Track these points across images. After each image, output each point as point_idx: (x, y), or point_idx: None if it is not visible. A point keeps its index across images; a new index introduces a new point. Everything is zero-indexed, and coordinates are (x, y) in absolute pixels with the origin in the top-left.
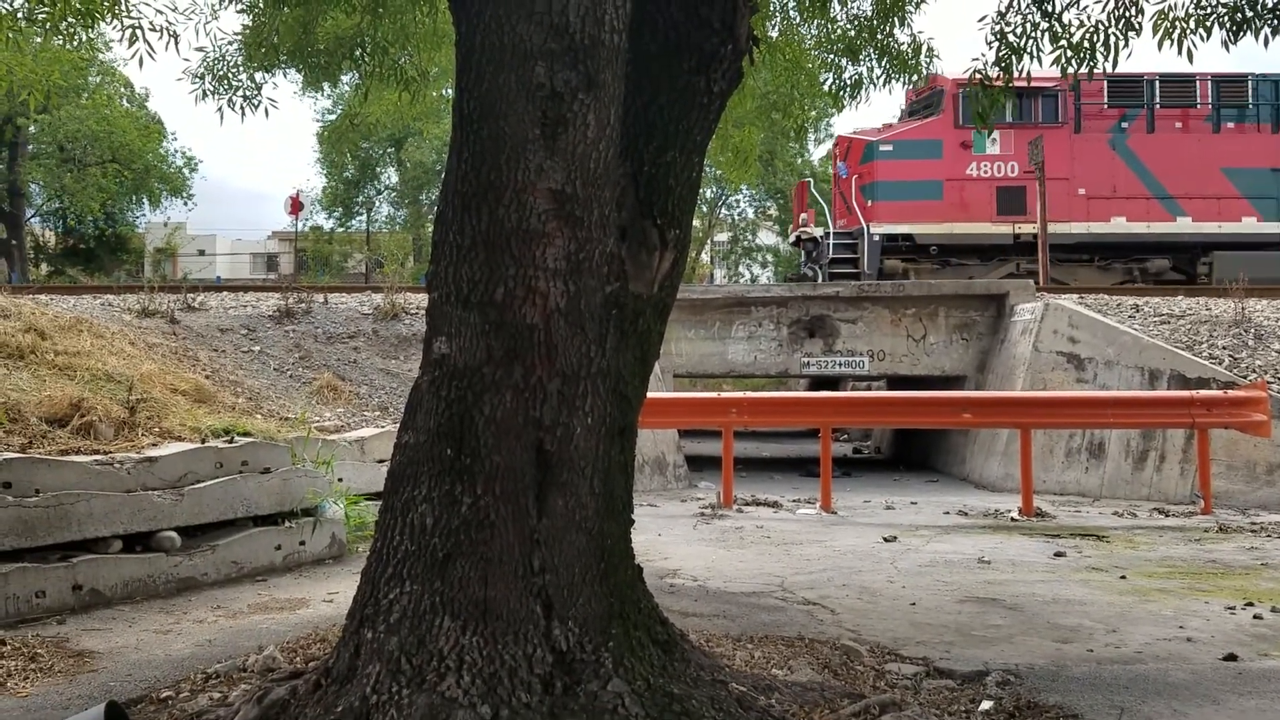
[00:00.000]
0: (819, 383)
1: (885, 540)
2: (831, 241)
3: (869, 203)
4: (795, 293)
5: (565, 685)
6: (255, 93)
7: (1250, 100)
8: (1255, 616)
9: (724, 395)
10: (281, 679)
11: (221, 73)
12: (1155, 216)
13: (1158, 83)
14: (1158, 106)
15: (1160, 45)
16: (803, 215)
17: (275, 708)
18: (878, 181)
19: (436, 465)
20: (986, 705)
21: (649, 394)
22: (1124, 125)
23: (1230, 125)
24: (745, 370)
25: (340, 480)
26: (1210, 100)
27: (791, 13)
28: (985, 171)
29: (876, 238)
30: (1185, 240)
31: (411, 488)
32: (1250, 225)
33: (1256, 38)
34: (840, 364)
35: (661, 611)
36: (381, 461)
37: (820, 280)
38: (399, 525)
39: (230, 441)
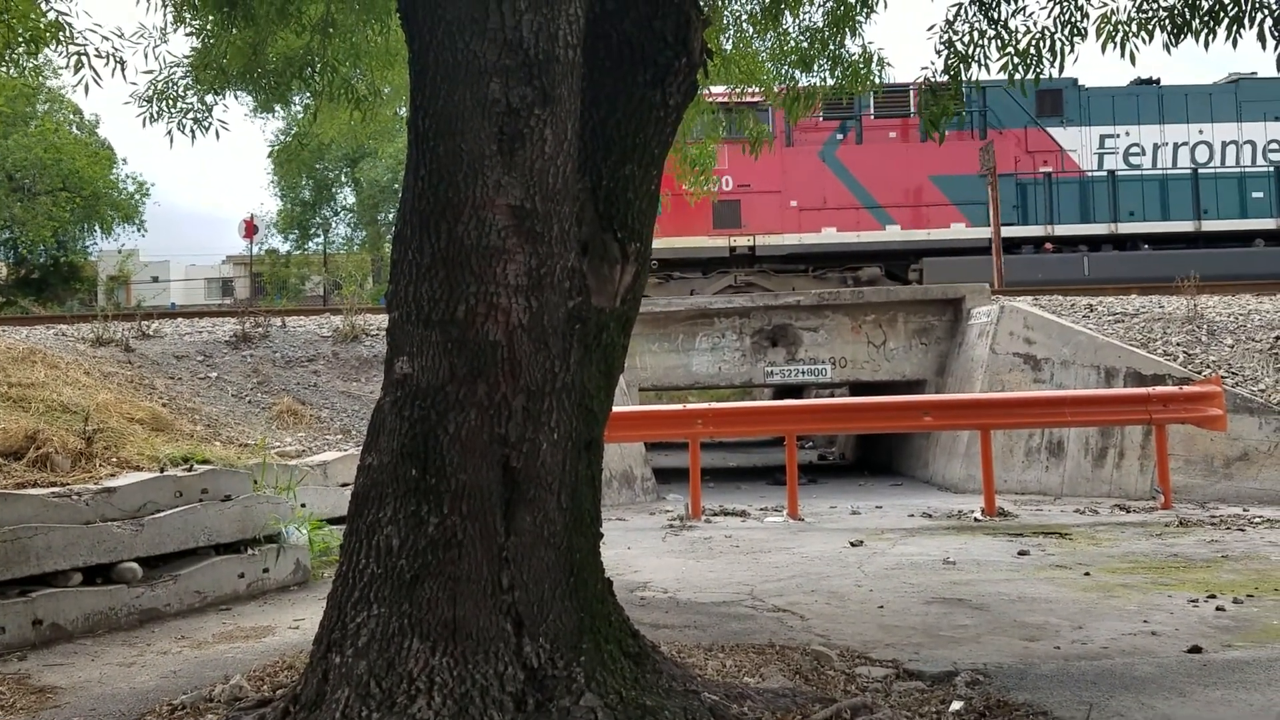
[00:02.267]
0: (783, 391)
1: (852, 545)
2: None
3: None
4: (757, 303)
5: (538, 702)
6: (205, 115)
7: (963, 108)
8: (1218, 608)
9: (689, 407)
10: (249, 708)
11: (170, 96)
12: (865, 226)
13: (870, 94)
14: (870, 118)
15: (1104, 49)
16: None
17: None
18: None
19: (401, 486)
20: (957, 705)
21: (614, 408)
22: (839, 137)
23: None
24: (710, 381)
25: (303, 506)
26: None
27: (745, 25)
28: None
29: None
30: (895, 248)
31: (376, 510)
32: (959, 231)
33: (1197, 40)
34: (803, 372)
35: (632, 624)
36: (345, 485)
37: None
38: (364, 548)
39: (189, 470)
